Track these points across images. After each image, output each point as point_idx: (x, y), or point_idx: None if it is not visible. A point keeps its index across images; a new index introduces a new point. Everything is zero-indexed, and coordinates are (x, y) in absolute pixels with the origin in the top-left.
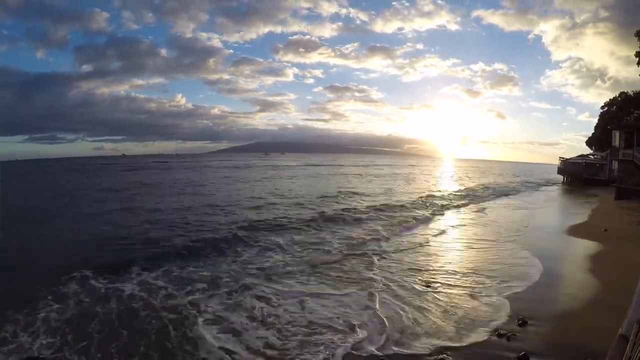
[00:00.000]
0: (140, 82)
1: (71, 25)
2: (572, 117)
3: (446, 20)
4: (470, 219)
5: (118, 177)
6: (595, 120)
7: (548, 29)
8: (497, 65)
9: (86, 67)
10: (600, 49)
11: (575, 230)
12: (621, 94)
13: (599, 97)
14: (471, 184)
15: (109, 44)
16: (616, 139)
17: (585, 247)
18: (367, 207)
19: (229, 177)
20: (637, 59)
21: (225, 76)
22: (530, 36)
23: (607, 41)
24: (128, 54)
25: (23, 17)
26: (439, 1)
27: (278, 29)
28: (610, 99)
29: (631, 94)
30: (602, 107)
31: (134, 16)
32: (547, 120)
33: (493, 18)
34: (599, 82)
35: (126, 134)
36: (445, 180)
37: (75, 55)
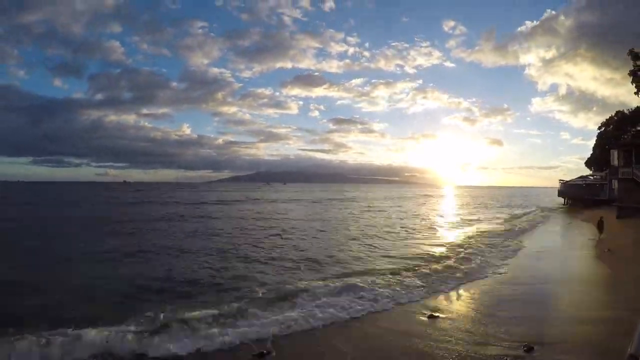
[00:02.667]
0: (148, 111)
1: (89, 55)
2: (567, 141)
3: (442, 59)
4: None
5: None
6: (589, 143)
7: (532, 60)
8: (491, 97)
9: (99, 95)
10: (584, 75)
11: (579, 251)
12: (617, 112)
13: (588, 121)
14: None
15: (122, 74)
16: (615, 158)
17: (589, 267)
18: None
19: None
20: (631, 77)
21: (232, 108)
22: (517, 68)
23: (591, 67)
24: (140, 85)
25: (44, 45)
26: (436, 42)
27: (288, 65)
28: (606, 119)
29: (627, 112)
30: (599, 128)
31: (151, 50)
32: (543, 145)
33: (479, 56)
34: (587, 106)
35: (130, 161)
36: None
37: (89, 84)
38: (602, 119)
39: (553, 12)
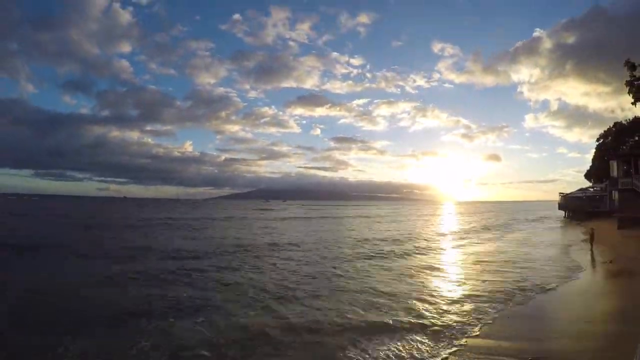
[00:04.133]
0: (151, 127)
1: (99, 73)
2: (564, 155)
3: (440, 80)
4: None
5: None
6: (587, 156)
7: (523, 79)
8: (488, 115)
9: (105, 112)
10: (574, 92)
11: (581, 263)
12: (615, 124)
13: (582, 135)
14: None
15: (129, 92)
16: (614, 169)
17: (592, 278)
18: None
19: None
20: (628, 87)
21: (235, 127)
22: (509, 87)
23: (580, 83)
24: (145, 103)
25: (55, 62)
26: (432, 64)
27: (292, 84)
28: (604, 130)
29: (625, 123)
30: (598, 139)
31: (158, 70)
32: (541, 160)
33: (473, 76)
34: (580, 120)
35: (131, 176)
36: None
37: (97, 100)
38: (596, 132)
39: (538, 34)
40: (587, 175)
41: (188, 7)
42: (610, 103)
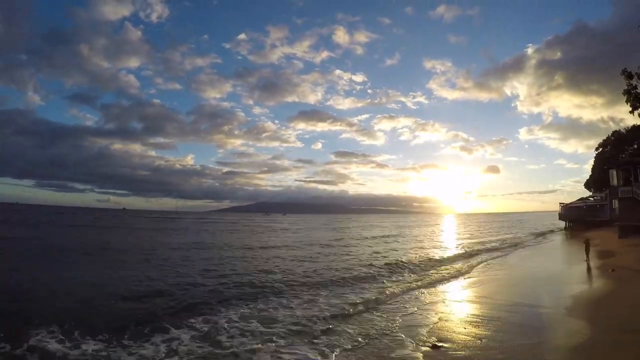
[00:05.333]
0: (154, 140)
1: (105, 87)
2: (562, 166)
3: (438, 96)
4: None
5: None
6: (585, 166)
7: (516, 94)
8: (487, 128)
9: (109, 125)
10: (567, 105)
11: (583, 273)
12: (614, 132)
13: (578, 145)
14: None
15: (134, 106)
16: (614, 177)
17: (595, 288)
18: None
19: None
20: (625, 96)
21: (237, 141)
22: (505, 101)
23: (572, 96)
24: (150, 117)
25: (63, 75)
26: (430, 81)
27: (295, 99)
28: (603, 140)
29: (624, 131)
30: (597, 149)
31: (164, 85)
32: (539, 171)
33: (467, 92)
34: (576, 132)
35: (132, 188)
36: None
37: (102, 113)
38: (592, 142)
39: (525, 51)
40: (587, 185)
41: (196, 26)
42: (605, 113)
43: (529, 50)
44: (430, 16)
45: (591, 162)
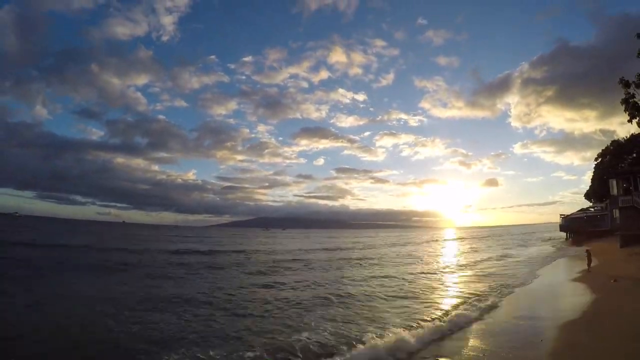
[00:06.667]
0: (156, 155)
1: (113, 103)
2: (561, 178)
3: (434, 115)
4: None
5: None
6: (583, 178)
7: (511, 111)
8: (485, 143)
9: (114, 140)
10: (559, 119)
11: (585, 283)
12: (613, 142)
13: (574, 157)
14: None
15: (140, 122)
16: (614, 187)
17: (598, 299)
18: None
19: None
20: (624, 105)
21: (240, 156)
22: (500, 117)
23: (563, 110)
24: (154, 132)
25: (72, 90)
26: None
27: (297, 115)
28: (602, 150)
29: (622, 140)
30: (596, 159)
31: (170, 102)
32: (539, 183)
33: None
34: (570, 145)
35: (133, 202)
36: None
37: (107, 128)
38: (587, 154)
39: (511, 71)
40: (587, 196)
41: (205, 47)
42: (598, 126)
43: (515, 71)
44: (420, 40)
45: (589, 173)
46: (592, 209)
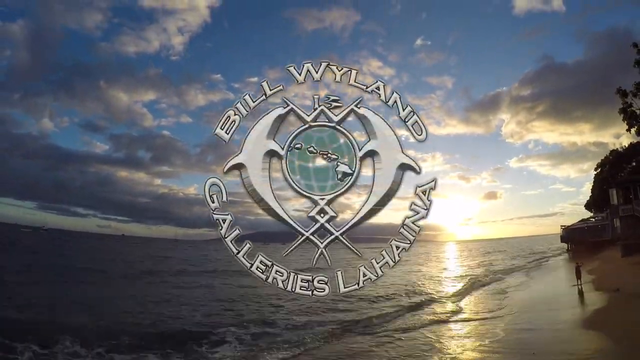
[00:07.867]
0: (158, 169)
1: (118, 117)
2: (559, 190)
3: (432, 131)
4: None
5: None
6: (582, 189)
7: (503, 128)
8: (482, 157)
9: (118, 154)
10: (553, 134)
11: (587, 292)
12: (612, 152)
13: (570, 170)
14: None
15: (145, 137)
16: (614, 196)
17: (600, 309)
18: None
19: None
20: (622, 115)
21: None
22: (490, 135)
23: (555, 125)
24: (158, 147)
25: (78, 103)
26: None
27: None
28: (602, 159)
29: (621, 149)
30: (595, 169)
31: (175, 117)
32: (538, 196)
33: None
34: (566, 158)
35: (133, 215)
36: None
37: (111, 142)
38: (584, 166)
39: (501, 89)
40: (588, 206)
41: (212, 66)
42: (590, 138)
43: (503, 89)
44: (411, 61)
45: (587, 184)
46: (593, 219)
